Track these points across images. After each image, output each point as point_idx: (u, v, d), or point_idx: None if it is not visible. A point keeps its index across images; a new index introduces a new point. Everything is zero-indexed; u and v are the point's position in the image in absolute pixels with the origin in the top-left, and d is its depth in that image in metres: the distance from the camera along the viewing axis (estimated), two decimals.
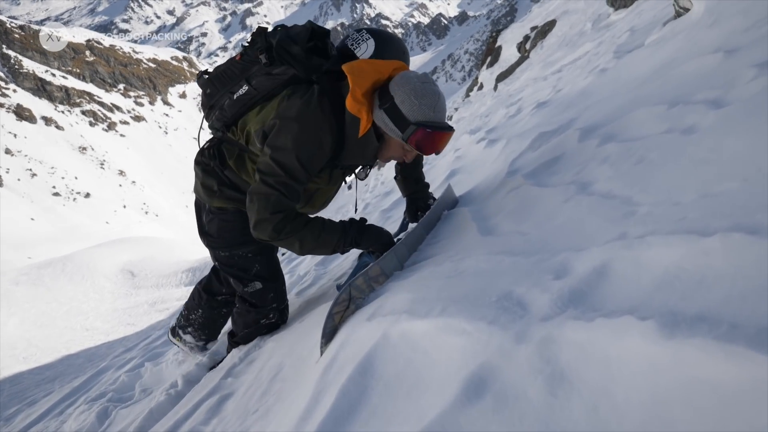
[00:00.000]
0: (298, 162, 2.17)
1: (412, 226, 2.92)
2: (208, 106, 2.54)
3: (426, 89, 2.16)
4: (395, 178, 3.00)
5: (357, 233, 2.40)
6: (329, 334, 1.80)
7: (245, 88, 2.38)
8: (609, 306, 1.03)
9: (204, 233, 2.75)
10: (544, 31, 15.11)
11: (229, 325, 3.22)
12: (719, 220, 1.09)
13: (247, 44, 2.41)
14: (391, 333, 1.42)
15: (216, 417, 2.08)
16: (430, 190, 3.03)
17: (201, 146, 2.65)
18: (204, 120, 2.66)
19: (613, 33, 7.21)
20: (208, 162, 2.57)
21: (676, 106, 2.06)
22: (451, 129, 2.22)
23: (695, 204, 1.26)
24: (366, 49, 2.44)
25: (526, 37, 16.38)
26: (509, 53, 17.91)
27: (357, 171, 2.62)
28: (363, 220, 2.49)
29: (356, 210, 3.14)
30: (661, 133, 1.92)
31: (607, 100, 3.21)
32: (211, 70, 2.56)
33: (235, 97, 2.41)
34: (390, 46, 2.50)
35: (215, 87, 2.48)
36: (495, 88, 15.20)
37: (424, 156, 2.28)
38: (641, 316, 0.88)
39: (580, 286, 1.14)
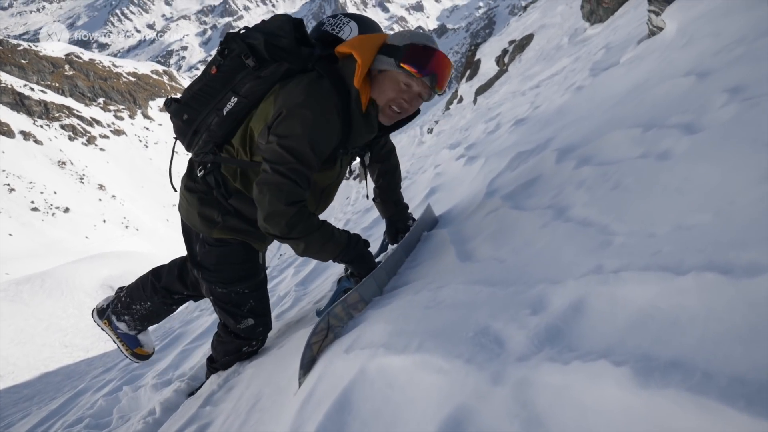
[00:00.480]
0: (309, 147, 2.08)
1: (392, 247, 2.91)
2: (191, 131, 2.36)
3: (419, 32, 2.25)
4: (374, 200, 2.96)
5: (356, 255, 2.32)
6: (307, 364, 1.78)
7: (234, 99, 2.23)
8: (585, 346, 1.02)
9: (198, 265, 2.55)
10: (521, 45, 15.31)
11: (208, 350, 3.17)
12: (693, 256, 1.09)
13: (219, 55, 2.27)
14: (368, 368, 1.41)
15: None
16: (409, 211, 3.02)
17: (195, 171, 2.44)
18: (182, 148, 2.50)
19: (589, 49, 7.32)
20: (208, 190, 2.40)
21: (650, 130, 2.07)
22: (445, 55, 2.21)
23: (669, 237, 1.27)
24: (350, 31, 2.39)
25: (505, 51, 16.58)
26: (488, 66, 18.10)
27: (364, 156, 2.58)
28: (366, 243, 2.42)
29: (368, 197, 2.99)
30: (637, 158, 1.93)
31: (584, 120, 3.24)
32: (178, 95, 2.42)
33: (225, 112, 2.25)
34: (371, 25, 2.49)
35: (194, 109, 2.32)
36: (474, 101, 15.35)
37: (437, 89, 2.21)
38: (616, 361, 0.88)
39: (557, 323, 1.14)
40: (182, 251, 2.76)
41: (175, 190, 2.56)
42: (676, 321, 0.94)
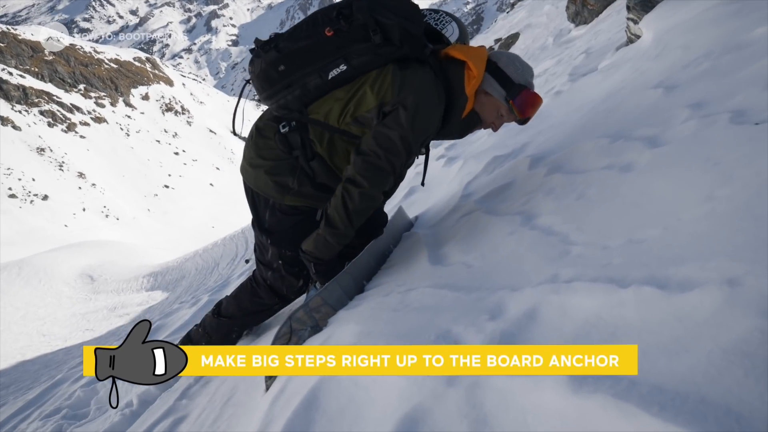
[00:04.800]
0: (421, 143, 2.22)
1: None
2: (283, 84, 2.24)
3: (524, 61, 2.37)
4: None
5: (327, 269, 2.27)
6: None
7: (343, 67, 2.19)
8: None
9: (266, 231, 2.49)
10: (507, 43, 15.41)
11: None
12: (637, 269, 1.17)
13: (338, 18, 2.15)
14: None
15: None
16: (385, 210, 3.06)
17: (271, 131, 2.34)
18: (256, 100, 2.45)
19: (571, 53, 7.43)
20: (284, 154, 2.31)
21: (617, 141, 2.16)
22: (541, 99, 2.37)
23: (620, 249, 1.35)
24: (452, 31, 2.48)
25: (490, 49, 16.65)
26: None
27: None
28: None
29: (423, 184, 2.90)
30: (602, 169, 2.02)
31: (559, 126, 3.33)
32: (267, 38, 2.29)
33: (329, 77, 2.20)
34: (466, 30, 2.58)
35: (296, 64, 2.21)
36: None
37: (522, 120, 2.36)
38: None
39: (511, 329, 1.22)
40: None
41: (235, 134, 2.50)
42: (615, 332, 1.02)
